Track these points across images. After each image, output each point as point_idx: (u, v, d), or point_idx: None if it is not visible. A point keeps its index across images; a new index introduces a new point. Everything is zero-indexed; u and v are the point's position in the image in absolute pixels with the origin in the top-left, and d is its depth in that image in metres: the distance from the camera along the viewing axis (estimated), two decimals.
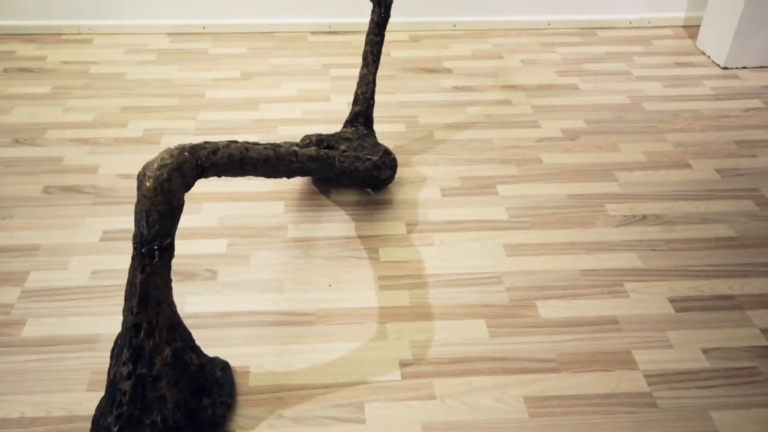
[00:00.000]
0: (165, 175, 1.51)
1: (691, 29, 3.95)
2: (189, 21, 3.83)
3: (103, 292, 2.15)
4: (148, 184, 1.49)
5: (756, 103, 3.26)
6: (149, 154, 2.82)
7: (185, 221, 2.43)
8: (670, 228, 2.45)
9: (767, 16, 3.43)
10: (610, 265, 2.28)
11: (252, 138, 2.92)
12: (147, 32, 3.84)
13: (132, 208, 2.49)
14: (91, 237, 2.38)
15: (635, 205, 2.56)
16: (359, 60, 3.49)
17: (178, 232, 2.35)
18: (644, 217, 2.51)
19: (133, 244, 1.52)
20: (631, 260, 2.31)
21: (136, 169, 2.71)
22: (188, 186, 1.58)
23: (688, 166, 2.79)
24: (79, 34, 3.82)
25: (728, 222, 2.49)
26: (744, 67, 3.57)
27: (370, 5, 2.76)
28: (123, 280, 2.18)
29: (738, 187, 2.68)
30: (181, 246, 2.32)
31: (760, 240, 2.41)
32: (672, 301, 2.15)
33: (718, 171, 2.76)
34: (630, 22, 3.99)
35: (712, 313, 2.11)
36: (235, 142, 1.80)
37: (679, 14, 3.99)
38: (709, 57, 3.67)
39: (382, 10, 2.54)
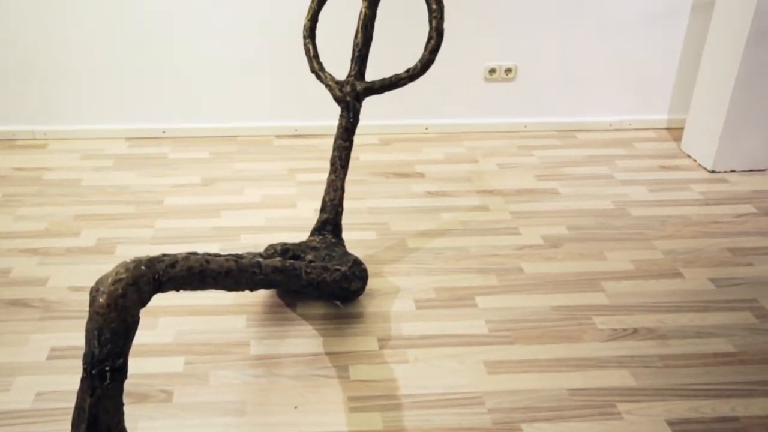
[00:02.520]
0: (120, 291, 1.51)
1: (675, 131, 4.08)
2: (148, 125, 3.90)
3: (49, 417, 2.10)
4: (101, 300, 1.49)
5: (747, 208, 3.33)
6: (103, 264, 2.81)
7: (139, 337, 2.40)
8: (664, 342, 2.45)
9: (753, 119, 3.56)
10: (601, 384, 2.28)
11: (213, 247, 2.93)
12: (104, 137, 3.90)
13: (83, 323, 2.46)
14: (37, 355, 2.34)
15: (625, 318, 2.57)
16: (327, 164, 3.55)
17: (131, 349, 2.32)
18: (635, 330, 2.51)
19: (83, 364, 1.51)
20: (623, 378, 2.30)
21: (89, 282, 2.70)
22: (144, 302, 1.58)
23: (679, 275, 2.82)
24: (34, 139, 3.86)
25: (726, 336, 2.49)
26: (732, 171, 3.66)
27: (338, 108, 2.83)
28: (70, 403, 2.14)
29: (735, 297, 2.69)
30: (134, 365, 2.29)
31: (762, 355, 2.40)
32: (670, 423, 2.13)
33: (712, 280, 2.79)
34: (610, 125, 4.12)
35: None
36: (195, 253, 1.81)
37: (661, 116, 4.13)
38: (695, 160, 3.77)
39: (351, 115, 2.60)
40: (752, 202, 3.38)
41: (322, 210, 2.66)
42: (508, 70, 3.93)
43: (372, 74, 3.20)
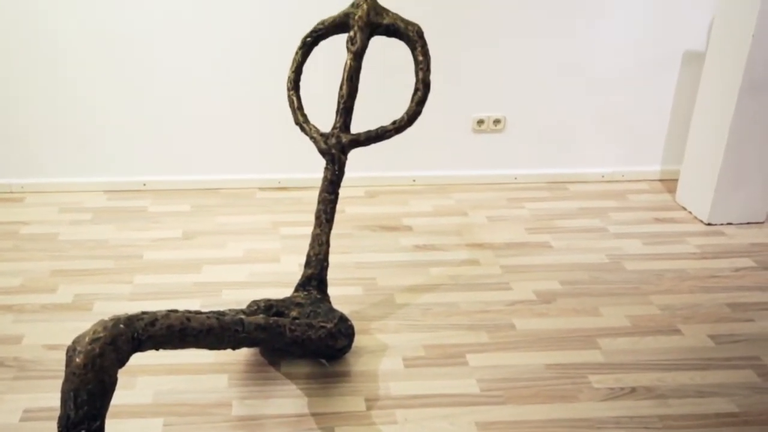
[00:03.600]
0: (97, 350, 1.50)
1: (669, 183, 4.12)
2: (128, 178, 3.92)
3: None
4: (77, 360, 1.48)
5: (746, 261, 3.35)
6: (80, 322, 2.79)
7: (117, 397, 2.38)
8: (664, 402, 2.44)
9: (748, 170, 3.60)
10: None
11: (194, 303, 2.92)
12: (83, 190, 3.91)
13: (59, 383, 2.44)
14: (10, 417, 2.31)
15: (622, 376, 2.56)
16: (311, 217, 3.56)
17: (108, 411, 2.30)
18: (633, 389, 2.50)
19: (58, 427, 1.49)
20: None
21: (65, 339, 2.68)
22: (122, 362, 1.58)
23: (677, 331, 2.82)
24: (11, 192, 3.87)
25: (728, 395, 2.48)
26: (729, 224, 3.69)
27: (323, 161, 2.86)
28: None
29: (736, 355, 2.69)
30: (111, 427, 2.26)
31: (766, 416, 2.39)
32: None
33: (711, 337, 2.78)
34: (602, 176, 4.16)
35: None
36: (175, 311, 1.81)
37: (654, 168, 4.18)
38: (690, 212, 3.80)
39: (336, 168, 2.62)
40: (751, 256, 3.40)
41: (307, 265, 2.66)
42: (497, 121, 3.98)
43: (358, 126, 3.24)
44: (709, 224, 3.68)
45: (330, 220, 2.67)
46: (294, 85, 2.72)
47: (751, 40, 3.32)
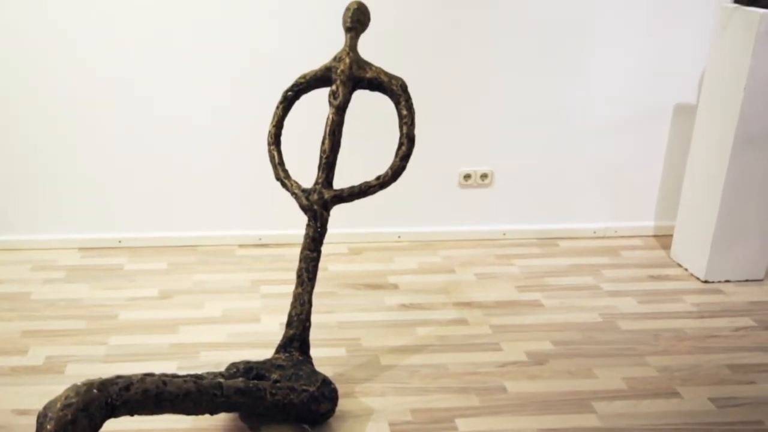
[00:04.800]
0: (69, 417, 1.50)
1: (663, 239, 4.15)
2: (103, 234, 3.93)
3: None
4: (49, 427, 1.48)
5: (746, 321, 3.36)
6: (51, 386, 2.77)
7: None
8: None
9: (745, 225, 3.64)
10: None
11: (170, 365, 2.91)
12: (56, 247, 3.91)
13: None
14: None
15: None
16: (293, 275, 3.56)
17: None
18: None
19: None
20: None
21: (36, 404, 2.66)
22: (96, 428, 1.58)
23: (676, 394, 2.82)
24: None
25: None
26: (727, 281, 3.71)
27: (305, 216, 2.88)
28: None
29: (738, 419, 2.69)
30: None
31: None
32: None
33: (712, 400, 2.78)
34: (594, 232, 4.19)
35: None
36: (151, 374, 1.81)
37: (648, 223, 4.22)
38: (686, 269, 3.82)
39: (318, 225, 2.64)
40: (750, 315, 3.41)
41: (289, 325, 2.67)
42: (484, 176, 4.02)
43: (340, 181, 3.26)
44: (706, 282, 3.70)
45: (312, 279, 2.68)
46: (275, 139, 2.75)
47: (743, 93, 3.39)
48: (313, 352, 2.97)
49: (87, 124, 3.74)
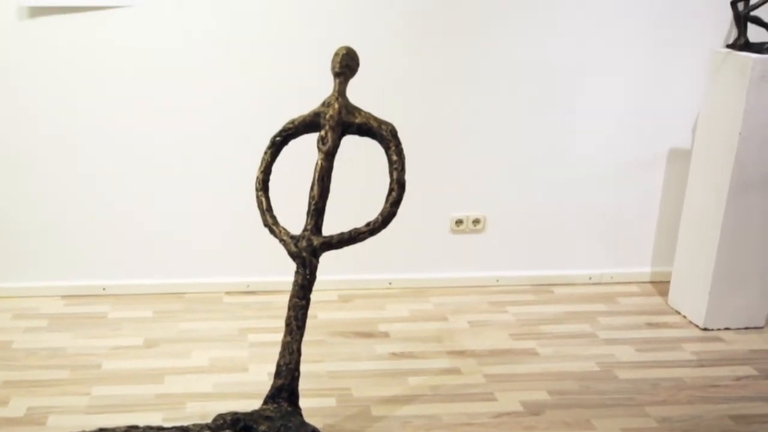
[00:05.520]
0: None
1: (660, 285, 4.17)
2: (87, 282, 3.94)
3: None
4: None
5: (747, 370, 3.37)
6: None
7: None
8: None
9: (743, 272, 3.68)
10: None
11: (155, 417, 2.91)
12: (39, 295, 3.90)
13: None
14: None
15: None
16: (281, 323, 3.56)
17: None
18: None
19: None
20: None
21: None
22: None
23: None
24: None
25: None
26: (727, 329, 3.73)
27: (293, 264, 2.89)
28: None
29: None
30: None
31: None
32: None
33: None
34: (590, 278, 4.22)
35: None
36: (135, 427, 1.83)
37: (644, 269, 4.25)
38: (685, 317, 3.84)
39: (307, 272, 2.66)
40: (751, 363, 3.42)
41: (277, 375, 2.67)
42: (476, 221, 4.06)
43: (329, 228, 3.28)
44: (705, 329, 3.72)
45: (301, 327, 2.68)
46: (263, 185, 2.78)
47: (739, 138, 3.44)
48: (303, 403, 2.96)
49: (69, 169, 3.78)
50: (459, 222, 4.05)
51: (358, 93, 3.09)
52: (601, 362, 3.40)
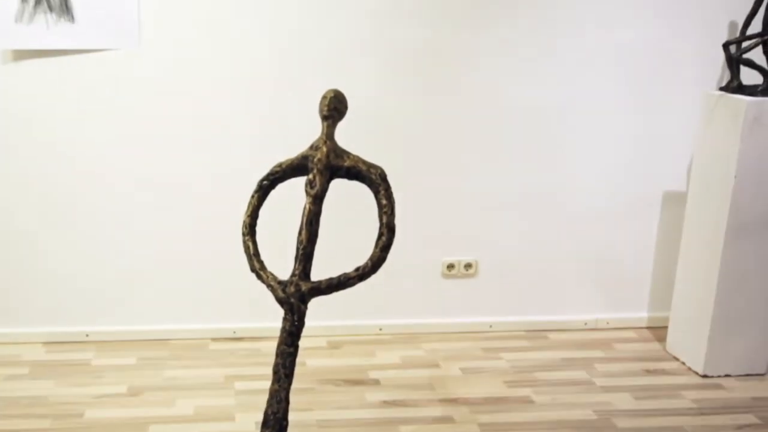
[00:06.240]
0: None
1: (658, 331, 4.18)
2: (69, 328, 3.94)
3: None
4: None
5: (749, 418, 3.38)
6: None
7: None
8: None
9: (743, 317, 3.70)
10: None
11: None
12: (19, 341, 3.90)
13: None
14: None
15: None
16: (269, 371, 3.57)
17: None
18: None
19: None
20: None
21: None
22: None
23: None
24: None
25: None
26: (727, 375, 3.74)
27: (281, 310, 2.91)
28: None
29: None
30: None
31: None
32: None
33: None
34: (585, 324, 4.25)
35: None
36: None
37: (641, 314, 4.28)
38: (683, 363, 3.85)
39: (295, 319, 2.68)
40: (753, 411, 3.43)
41: (264, 424, 2.67)
42: (468, 266, 4.09)
43: (318, 273, 3.30)
44: (704, 376, 3.73)
45: (289, 375, 2.69)
46: (250, 230, 2.81)
47: (734, 180, 3.49)
48: None
49: (50, 214, 3.81)
50: (450, 266, 4.08)
51: (346, 136, 3.14)
52: (598, 410, 3.40)
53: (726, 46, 3.66)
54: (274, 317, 3.88)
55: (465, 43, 3.86)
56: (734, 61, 3.62)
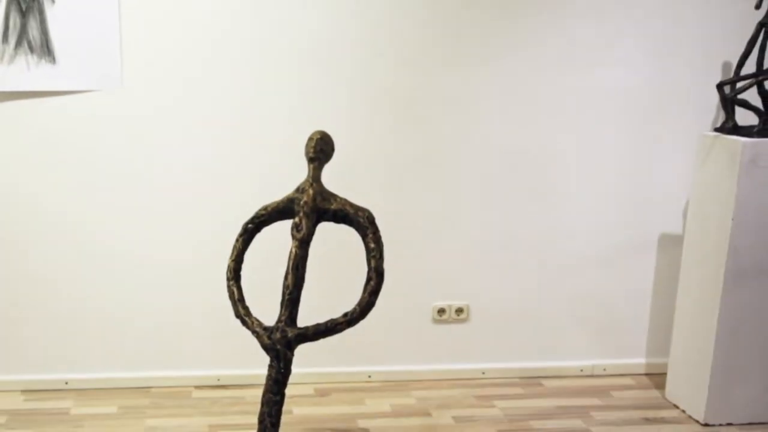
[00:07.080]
0: None
1: (656, 377, 4.19)
2: (48, 375, 3.93)
3: None
4: None
5: None
6: None
7: None
8: None
9: (744, 364, 3.71)
10: None
11: None
12: None
13: None
14: None
15: None
16: (254, 420, 3.58)
17: None
18: None
19: None
20: None
21: None
22: None
23: None
24: None
25: None
26: (729, 424, 3.74)
27: (267, 357, 2.91)
28: None
29: None
30: None
31: None
32: None
33: None
34: (581, 370, 4.26)
35: None
36: None
37: (638, 360, 4.29)
38: (683, 411, 3.86)
39: (281, 366, 2.70)
40: None
41: None
42: (460, 310, 4.10)
43: (305, 318, 3.31)
44: (706, 425, 3.73)
45: (276, 425, 2.70)
46: (234, 274, 2.83)
47: (731, 224, 3.51)
48: None
49: (28, 260, 3.82)
50: (441, 311, 4.09)
51: (333, 178, 3.17)
52: None
53: (720, 86, 3.69)
54: (259, 364, 3.89)
55: (455, 87, 3.92)
56: (729, 102, 3.66)
